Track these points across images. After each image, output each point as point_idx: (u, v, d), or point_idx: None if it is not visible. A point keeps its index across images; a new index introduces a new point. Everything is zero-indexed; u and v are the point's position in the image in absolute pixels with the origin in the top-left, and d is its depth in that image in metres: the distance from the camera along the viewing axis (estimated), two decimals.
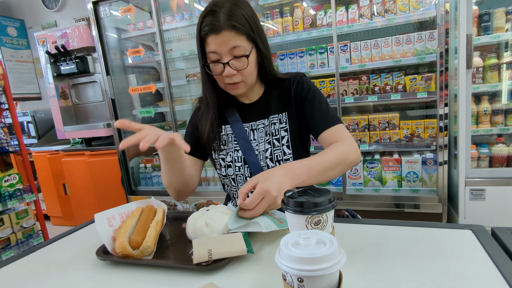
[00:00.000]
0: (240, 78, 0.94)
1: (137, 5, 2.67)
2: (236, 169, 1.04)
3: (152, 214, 0.82)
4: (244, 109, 1.07)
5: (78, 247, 0.85)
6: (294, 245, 0.50)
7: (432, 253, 0.66)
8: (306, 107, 1.02)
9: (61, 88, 3.07)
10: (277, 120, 1.03)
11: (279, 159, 1.00)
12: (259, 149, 1.03)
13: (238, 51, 0.90)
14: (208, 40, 0.90)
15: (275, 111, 1.04)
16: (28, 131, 3.50)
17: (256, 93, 1.08)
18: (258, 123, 1.05)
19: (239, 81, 0.95)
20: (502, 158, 1.88)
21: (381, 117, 2.08)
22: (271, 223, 0.74)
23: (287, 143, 1.01)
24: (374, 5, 1.99)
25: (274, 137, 1.02)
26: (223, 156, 1.05)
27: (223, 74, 0.93)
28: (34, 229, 2.38)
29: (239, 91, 0.98)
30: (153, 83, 2.55)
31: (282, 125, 1.03)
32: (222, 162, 1.05)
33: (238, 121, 1.05)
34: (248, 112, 1.07)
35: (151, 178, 2.76)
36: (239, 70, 0.93)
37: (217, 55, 0.91)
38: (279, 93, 1.06)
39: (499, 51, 1.91)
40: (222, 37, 0.88)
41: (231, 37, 0.89)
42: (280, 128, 1.02)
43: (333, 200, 0.62)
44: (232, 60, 0.91)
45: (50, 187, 3.32)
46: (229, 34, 0.88)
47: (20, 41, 3.95)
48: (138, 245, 0.72)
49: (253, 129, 1.05)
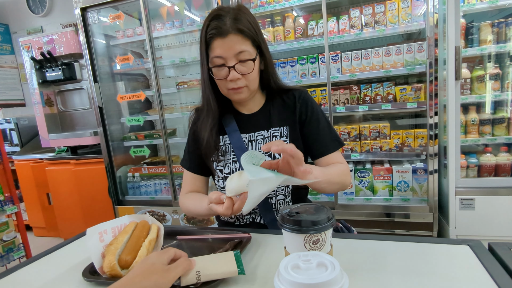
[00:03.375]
0: (244, 82, 0.93)
1: (126, 11, 2.64)
2: None
3: (145, 231, 0.79)
4: (243, 119, 1.05)
5: (63, 266, 0.81)
6: (294, 268, 0.48)
7: (431, 270, 0.65)
8: (310, 128, 1.02)
9: (46, 94, 2.99)
10: (278, 133, 1.02)
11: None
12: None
13: (244, 56, 0.90)
14: (214, 44, 0.89)
15: (277, 124, 1.03)
16: (10, 139, 3.39)
17: (257, 104, 1.06)
18: (257, 134, 1.03)
19: (243, 86, 0.93)
20: (490, 168, 1.91)
21: (372, 127, 2.09)
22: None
23: None
24: (364, 17, 2.02)
25: None
26: (221, 167, 1.03)
27: (228, 78, 0.91)
28: (15, 242, 2.27)
29: (242, 96, 0.96)
30: (142, 90, 2.50)
31: (282, 139, 1.01)
32: (220, 174, 1.03)
33: (236, 131, 1.02)
34: (248, 123, 1.05)
35: (139, 188, 2.69)
36: (243, 75, 0.92)
37: (222, 60, 0.90)
38: (282, 105, 1.05)
39: (483, 62, 1.96)
40: (228, 41, 0.88)
41: (238, 41, 0.88)
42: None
43: (332, 218, 0.60)
44: (238, 64, 0.90)
45: (33, 196, 3.20)
46: (235, 38, 0.88)
47: (4, 46, 3.85)
48: (128, 265, 0.69)
49: (251, 140, 1.03)
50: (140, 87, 2.96)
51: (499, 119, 1.90)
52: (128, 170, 2.74)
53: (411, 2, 1.91)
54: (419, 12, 1.92)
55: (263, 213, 1.01)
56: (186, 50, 2.79)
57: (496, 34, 1.86)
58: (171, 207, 2.54)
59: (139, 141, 2.64)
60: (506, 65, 1.91)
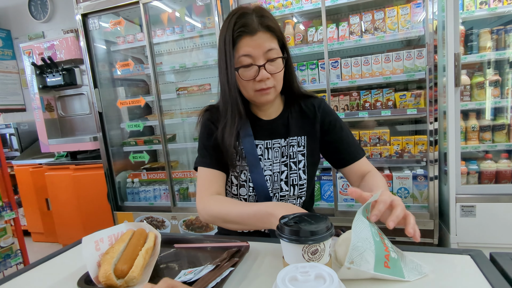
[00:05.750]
0: (273, 82, 0.89)
1: (127, 18, 2.65)
2: (250, 190, 0.98)
3: (142, 240, 0.78)
4: (260, 125, 1.01)
5: (59, 275, 0.80)
6: (292, 280, 0.47)
7: (432, 280, 0.64)
8: (334, 136, 1.00)
9: (46, 100, 2.99)
10: (296, 142, 0.99)
11: (294, 184, 0.97)
12: (274, 169, 0.98)
13: (272, 54, 0.87)
14: (241, 43, 0.86)
15: (295, 133, 1.00)
16: (10, 144, 3.39)
17: (275, 109, 1.03)
18: (274, 141, 1.00)
19: (271, 86, 0.89)
20: (490, 175, 1.90)
21: (372, 133, 2.09)
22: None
23: (304, 167, 0.98)
24: (364, 23, 2.03)
25: (292, 160, 0.98)
26: (237, 174, 0.98)
27: (257, 78, 0.87)
28: (13, 248, 2.26)
29: (269, 97, 0.92)
30: (142, 96, 2.51)
31: (300, 148, 0.99)
32: (235, 181, 0.98)
33: (250, 135, 0.97)
34: (265, 130, 1.00)
35: (138, 193, 2.68)
36: (272, 74, 0.88)
37: (250, 59, 0.86)
38: (300, 114, 1.02)
39: (483, 69, 1.96)
40: (257, 38, 0.85)
41: (267, 39, 0.86)
42: (297, 152, 0.99)
43: (331, 228, 0.60)
44: (267, 63, 0.87)
45: (31, 202, 3.19)
46: (264, 36, 0.86)
47: (5, 51, 3.86)
48: (124, 274, 0.68)
49: (268, 148, 1.00)
50: (140, 93, 2.96)
51: (499, 126, 1.89)
52: (128, 176, 2.73)
53: (410, 9, 1.92)
54: (419, 19, 1.92)
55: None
56: (187, 56, 2.80)
57: (496, 41, 1.86)
58: (170, 213, 2.53)
59: (139, 147, 2.63)
60: (505, 71, 1.91)
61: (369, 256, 0.60)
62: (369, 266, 0.60)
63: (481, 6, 1.82)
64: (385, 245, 0.66)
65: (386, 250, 0.65)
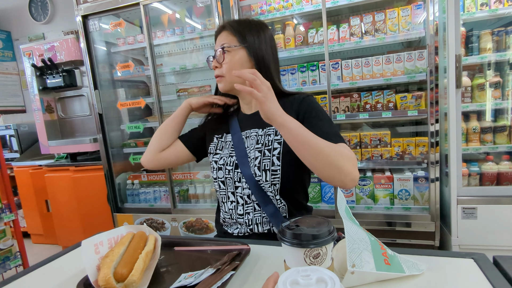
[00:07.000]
0: (221, 71, 1.04)
1: (127, 19, 2.65)
2: (226, 172, 1.05)
3: (142, 243, 0.77)
4: (244, 118, 1.13)
5: (59, 278, 0.79)
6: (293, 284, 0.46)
7: (434, 284, 0.63)
8: (307, 125, 0.97)
9: (46, 101, 2.99)
10: (273, 131, 1.04)
11: (266, 169, 1.00)
12: (250, 156, 1.03)
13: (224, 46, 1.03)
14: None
15: None
16: (10, 145, 3.38)
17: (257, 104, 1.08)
18: (252, 131, 1.07)
19: (220, 74, 1.05)
20: (492, 176, 1.90)
21: (373, 135, 2.08)
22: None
23: (278, 154, 1.01)
24: (365, 25, 2.02)
25: (266, 147, 1.02)
26: (217, 159, 1.10)
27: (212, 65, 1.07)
28: (12, 250, 2.25)
29: (221, 85, 1.07)
30: (142, 97, 2.50)
31: (277, 137, 1.03)
32: (215, 165, 1.10)
33: (238, 132, 1.10)
34: (247, 122, 1.11)
35: (138, 195, 2.68)
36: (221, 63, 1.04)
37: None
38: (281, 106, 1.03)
39: (484, 70, 1.96)
40: (220, 36, 1.07)
41: (226, 36, 1.04)
42: (274, 140, 1.03)
43: (333, 231, 0.59)
44: (217, 52, 1.04)
45: (31, 203, 3.18)
46: (224, 34, 1.05)
47: (5, 53, 3.86)
48: (124, 278, 0.67)
49: (247, 137, 1.08)
50: (140, 94, 2.96)
51: (501, 127, 1.89)
52: (128, 177, 2.73)
53: (411, 11, 1.92)
54: (419, 20, 1.92)
55: (264, 207, 1.01)
56: (187, 57, 2.80)
57: (496, 42, 1.86)
58: (170, 214, 2.52)
59: (139, 148, 2.63)
60: (506, 73, 1.91)
61: (368, 256, 0.62)
62: (371, 266, 0.61)
63: (482, 7, 1.82)
64: (380, 243, 0.68)
65: (382, 248, 0.67)
